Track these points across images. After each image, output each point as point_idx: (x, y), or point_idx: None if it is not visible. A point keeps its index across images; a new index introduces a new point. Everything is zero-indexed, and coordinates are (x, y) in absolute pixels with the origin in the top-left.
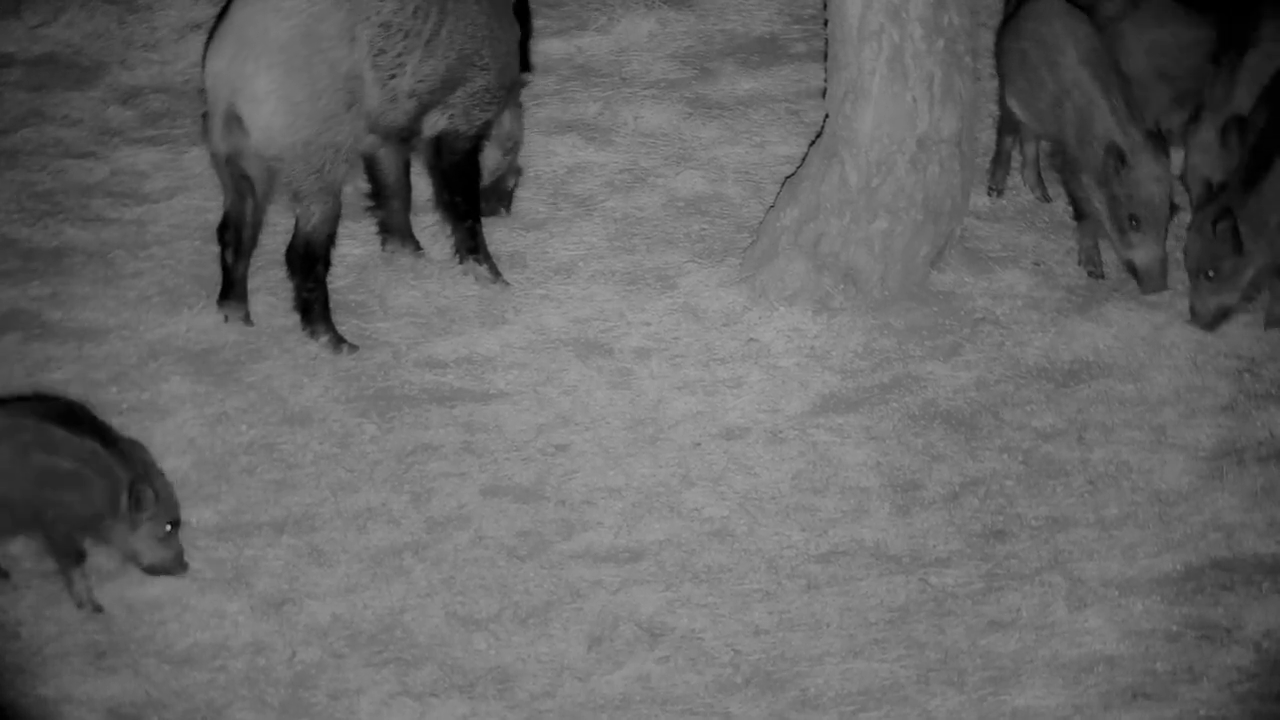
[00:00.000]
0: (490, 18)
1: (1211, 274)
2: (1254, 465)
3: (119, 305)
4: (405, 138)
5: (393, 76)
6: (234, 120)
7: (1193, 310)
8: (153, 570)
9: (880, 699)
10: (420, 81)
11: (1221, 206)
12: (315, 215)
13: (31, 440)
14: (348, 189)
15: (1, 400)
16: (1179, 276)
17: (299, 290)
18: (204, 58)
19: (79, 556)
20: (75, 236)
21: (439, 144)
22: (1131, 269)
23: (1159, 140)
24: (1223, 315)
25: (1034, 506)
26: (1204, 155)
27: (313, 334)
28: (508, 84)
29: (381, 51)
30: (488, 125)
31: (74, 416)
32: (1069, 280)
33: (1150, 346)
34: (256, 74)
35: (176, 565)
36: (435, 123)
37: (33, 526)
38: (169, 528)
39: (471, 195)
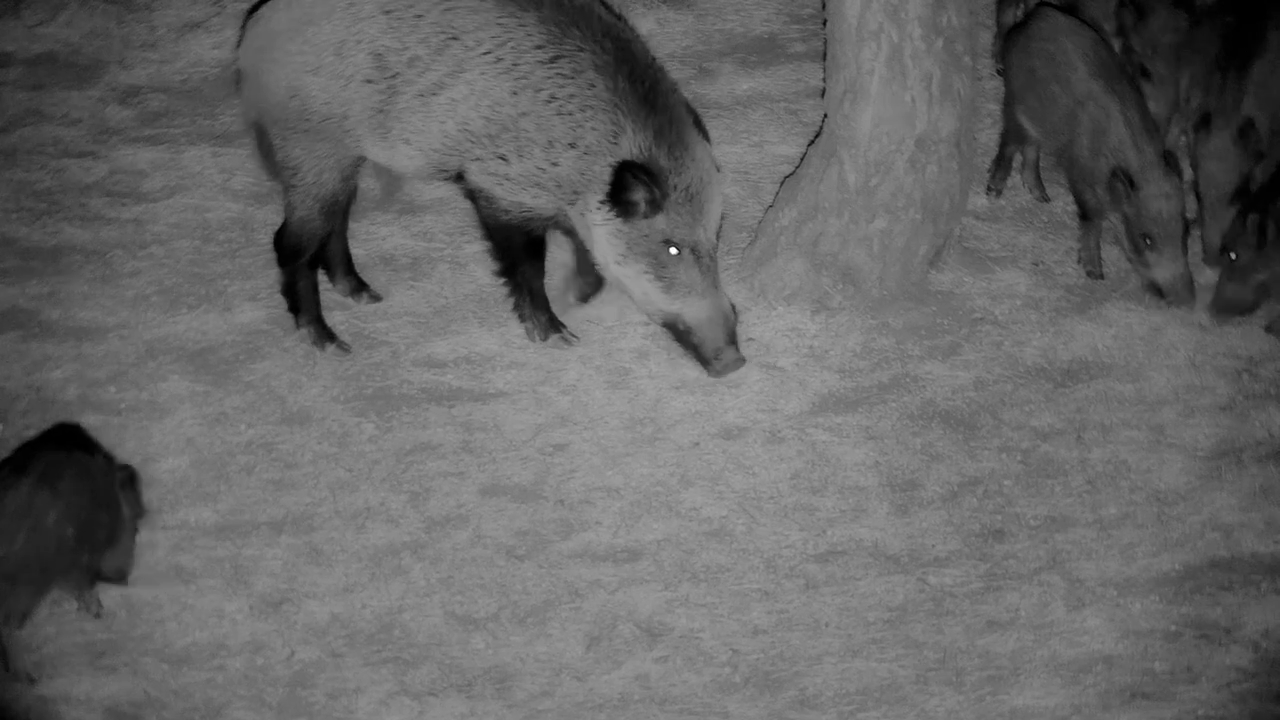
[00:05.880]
0: (523, 116)
1: (1234, 256)
2: (1252, 465)
3: (117, 304)
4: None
5: (381, 112)
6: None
7: (1217, 292)
8: (115, 575)
9: (878, 699)
10: (415, 134)
11: (1259, 198)
12: (296, 210)
13: (92, 470)
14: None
15: (33, 447)
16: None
17: (282, 277)
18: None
19: (97, 576)
20: (74, 235)
21: (474, 196)
22: (1154, 288)
23: (1170, 157)
24: (1234, 306)
25: (1032, 506)
26: (1219, 162)
27: (297, 325)
28: (545, 183)
29: (369, 81)
30: (526, 212)
31: (81, 438)
32: (1068, 280)
33: (1149, 346)
34: (248, 48)
35: (127, 571)
36: (472, 176)
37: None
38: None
39: (506, 264)
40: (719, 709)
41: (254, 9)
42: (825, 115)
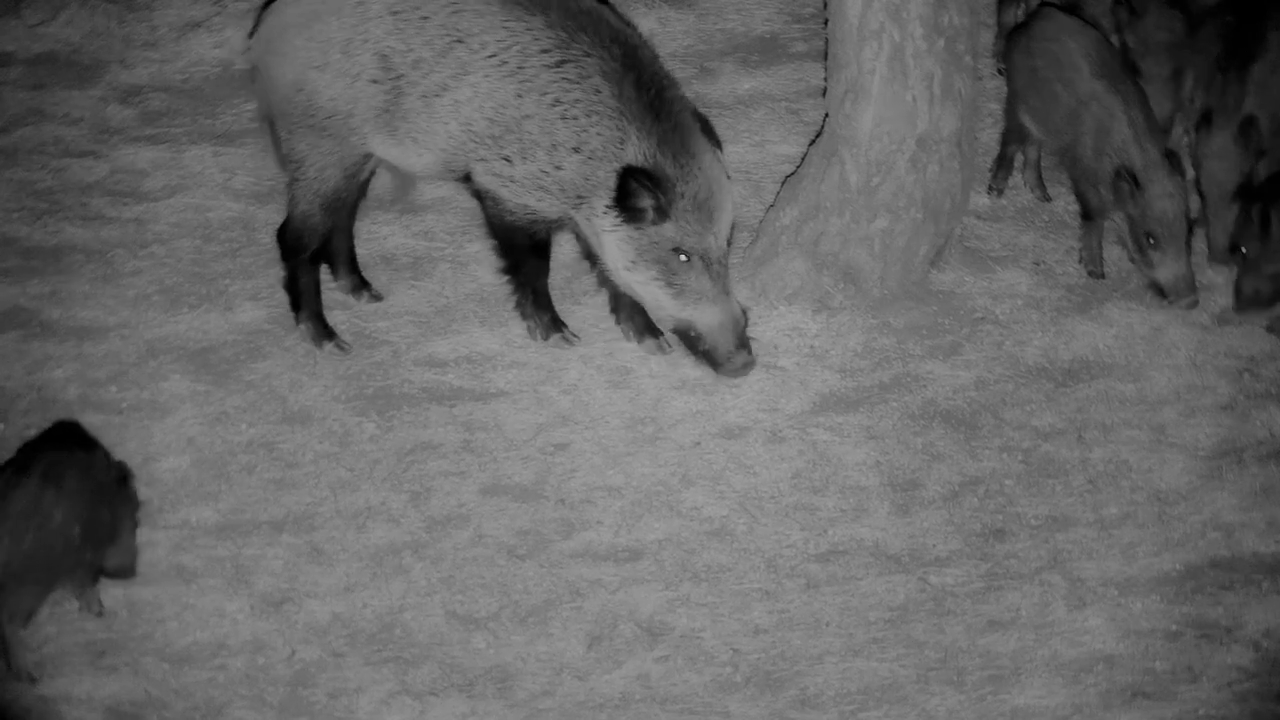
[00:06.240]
0: (527, 118)
1: (1245, 252)
2: (1253, 464)
3: (118, 304)
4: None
5: (386, 111)
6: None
7: (1236, 291)
8: (119, 572)
9: (880, 698)
10: (421, 133)
11: (1262, 190)
12: (298, 205)
13: (94, 467)
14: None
15: (35, 446)
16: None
17: (284, 272)
18: None
19: (99, 573)
20: (75, 235)
21: (480, 196)
22: (1157, 288)
23: (1174, 157)
24: (1256, 302)
25: (1033, 506)
26: (1220, 161)
27: (296, 321)
28: (549, 187)
29: (375, 81)
30: (531, 215)
31: (80, 435)
32: (1069, 280)
33: (1150, 346)
34: (259, 41)
35: (133, 567)
36: (477, 176)
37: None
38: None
39: (510, 262)
40: (720, 708)
41: (268, 2)
42: (826, 115)
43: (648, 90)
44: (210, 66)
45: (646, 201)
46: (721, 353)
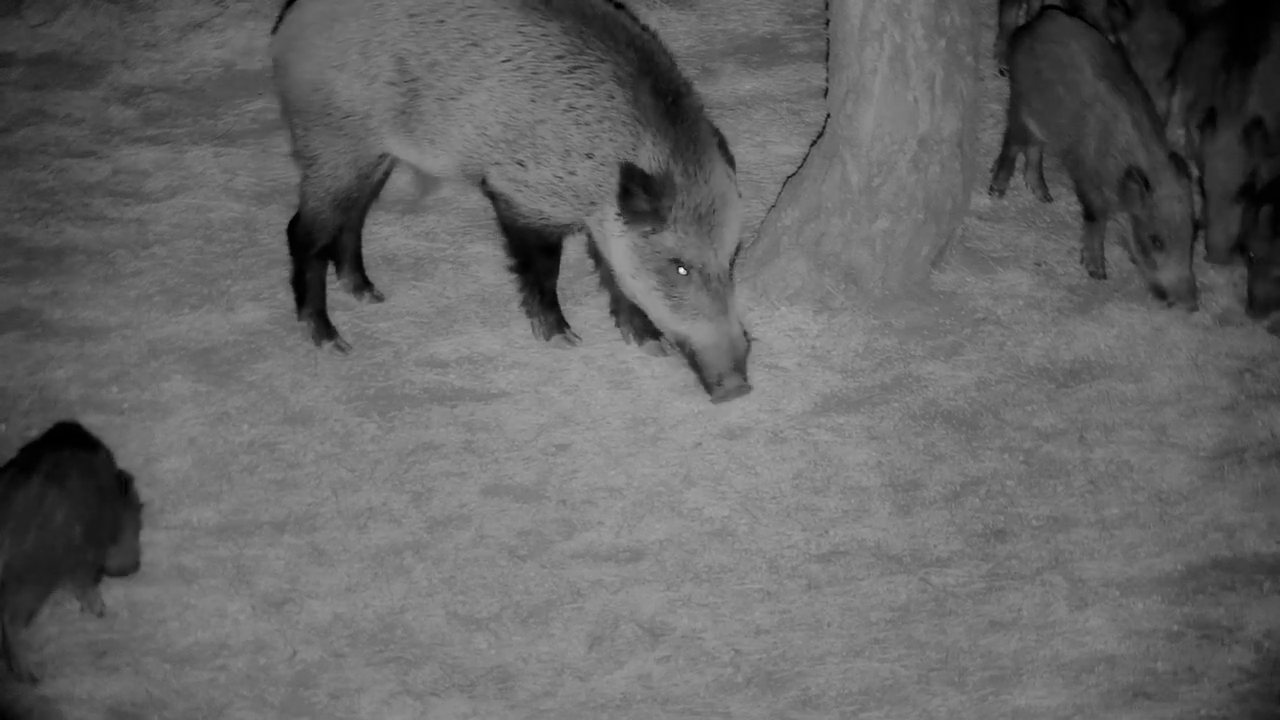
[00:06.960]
0: (541, 123)
1: (1252, 255)
2: (1255, 465)
3: (120, 304)
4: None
5: (403, 113)
6: None
7: (1249, 294)
8: (120, 572)
9: (881, 699)
10: (437, 135)
11: (1269, 191)
12: (309, 201)
13: (96, 468)
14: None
15: (37, 447)
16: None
17: (291, 266)
18: None
19: (101, 573)
20: (76, 235)
21: (494, 198)
22: (1158, 290)
23: (1179, 159)
24: (1269, 304)
25: (1035, 506)
26: (1224, 160)
27: (299, 317)
28: (562, 192)
29: (391, 83)
30: (544, 220)
31: (82, 436)
32: (1070, 280)
33: (1151, 346)
34: (280, 38)
35: (136, 563)
36: (491, 180)
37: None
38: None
39: (520, 260)
40: (721, 709)
41: (290, 1)
42: (828, 115)
43: (664, 96)
44: (212, 67)
45: (642, 204)
46: (712, 374)
